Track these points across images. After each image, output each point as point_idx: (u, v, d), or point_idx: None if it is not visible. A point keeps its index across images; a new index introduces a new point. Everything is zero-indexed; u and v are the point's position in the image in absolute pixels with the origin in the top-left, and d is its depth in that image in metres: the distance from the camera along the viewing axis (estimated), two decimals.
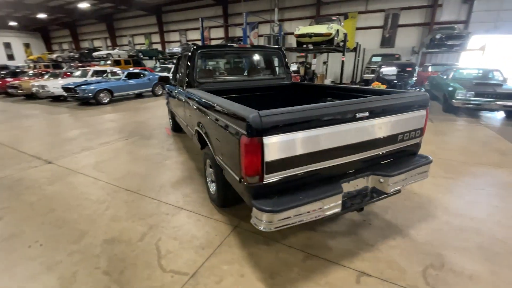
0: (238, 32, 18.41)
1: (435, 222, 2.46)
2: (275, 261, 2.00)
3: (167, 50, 18.66)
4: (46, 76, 12.13)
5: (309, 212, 1.69)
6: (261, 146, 1.51)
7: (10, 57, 26.57)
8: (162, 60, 19.33)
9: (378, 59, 13.00)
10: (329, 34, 8.32)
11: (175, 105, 4.36)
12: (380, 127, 1.97)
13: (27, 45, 28.01)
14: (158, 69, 15.28)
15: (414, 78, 8.17)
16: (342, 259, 2.01)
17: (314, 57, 13.74)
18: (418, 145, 2.36)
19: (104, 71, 11.35)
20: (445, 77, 7.98)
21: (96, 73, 11.33)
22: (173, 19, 21.68)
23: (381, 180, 2.09)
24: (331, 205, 1.77)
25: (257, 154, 1.52)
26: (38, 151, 4.57)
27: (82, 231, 2.39)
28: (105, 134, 5.59)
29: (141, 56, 19.85)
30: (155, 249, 2.13)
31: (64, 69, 17.66)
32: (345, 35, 8.20)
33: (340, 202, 1.80)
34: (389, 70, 8.92)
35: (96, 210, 2.73)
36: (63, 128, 6.31)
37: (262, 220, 1.59)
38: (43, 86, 10.19)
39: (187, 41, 21.22)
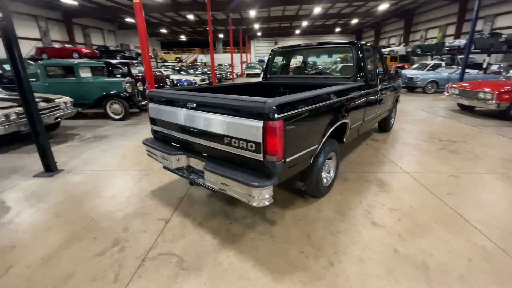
0: None
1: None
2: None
3: (447, 44, 15.64)
4: None
5: (156, 155, 2.72)
6: (148, 108, 2.83)
7: None
8: (438, 56, 16.61)
9: None
10: None
11: None
12: (205, 120, 2.17)
13: None
14: (428, 67, 13.14)
15: None
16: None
17: None
18: (261, 164, 1.90)
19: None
20: None
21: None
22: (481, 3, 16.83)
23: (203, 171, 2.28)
24: (164, 160, 2.60)
25: (148, 113, 2.86)
26: None
27: None
28: None
29: (419, 52, 18.52)
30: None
31: None
32: None
33: (170, 161, 2.54)
34: None
35: None
36: None
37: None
38: None
39: (492, 30, 15.79)
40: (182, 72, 17.62)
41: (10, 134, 4.53)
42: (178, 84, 10.58)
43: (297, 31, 33.46)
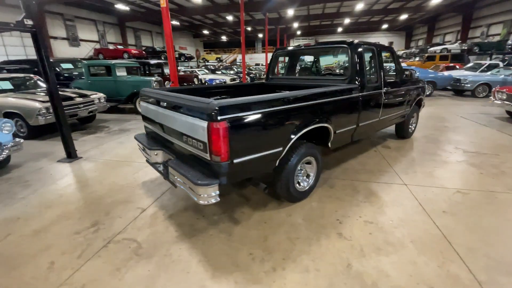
0: None
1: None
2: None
3: (509, 41, 13.48)
4: None
5: (142, 149, 2.97)
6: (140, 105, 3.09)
7: None
8: (501, 56, 14.39)
9: None
10: None
11: None
12: (170, 119, 2.32)
13: (390, 43, 33.88)
14: (482, 67, 11.33)
15: None
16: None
17: None
18: (208, 163, 1.96)
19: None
20: None
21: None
22: None
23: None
24: (146, 154, 2.82)
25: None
26: None
27: None
28: None
29: (476, 50, 16.35)
30: None
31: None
32: None
33: (150, 156, 2.75)
34: None
35: None
36: None
37: None
38: None
39: None
40: (217, 72, 18.36)
41: (50, 124, 5.30)
42: (207, 83, 11.13)
43: (339, 29, 32.06)
